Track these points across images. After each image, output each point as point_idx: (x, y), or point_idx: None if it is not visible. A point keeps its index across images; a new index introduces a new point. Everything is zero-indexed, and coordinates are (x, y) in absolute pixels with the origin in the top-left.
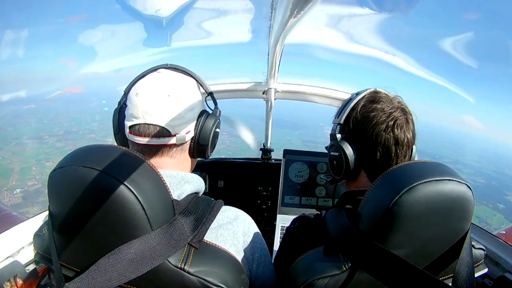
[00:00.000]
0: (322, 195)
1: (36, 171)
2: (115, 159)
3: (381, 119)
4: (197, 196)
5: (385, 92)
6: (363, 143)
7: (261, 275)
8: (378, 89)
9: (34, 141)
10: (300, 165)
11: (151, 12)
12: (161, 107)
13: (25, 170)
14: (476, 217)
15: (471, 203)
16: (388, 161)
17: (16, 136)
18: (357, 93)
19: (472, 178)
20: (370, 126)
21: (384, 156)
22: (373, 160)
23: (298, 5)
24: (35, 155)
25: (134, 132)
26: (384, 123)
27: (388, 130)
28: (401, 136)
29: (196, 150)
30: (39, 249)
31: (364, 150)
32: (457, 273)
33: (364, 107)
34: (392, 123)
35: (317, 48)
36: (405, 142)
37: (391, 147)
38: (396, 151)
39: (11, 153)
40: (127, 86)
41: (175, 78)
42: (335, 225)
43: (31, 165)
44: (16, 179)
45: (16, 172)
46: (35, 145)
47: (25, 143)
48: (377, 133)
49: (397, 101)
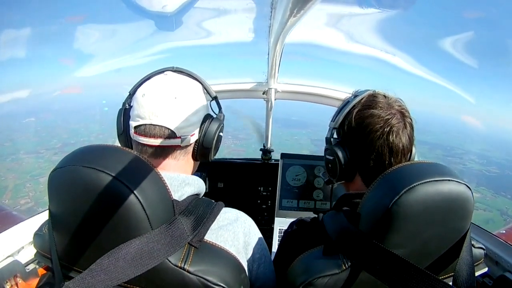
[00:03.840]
0: (320, 198)
1: (30, 188)
2: (115, 159)
3: (376, 126)
4: (197, 198)
5: (384, 95)
6: (357, 149)
7: (262, 275)
8: (377, 92)
9: (31, 155)
10: (297, 169)
11: (153, 10)
12: (168, 109)
13: (18, 187)
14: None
15: (470, 203)
16: (382, 168)
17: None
18: (356, 94)
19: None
20: (365, 133)
21: (377, 163)
22: (367, 166)
23: (298, 4)
24: (30, 170)
25: (140, 133)
26: (379, 130)
27: (383, 137)
28: (396, 143)
29: (200, 153)
30: (39, 249)
31: (358, 156)
32: (457, 273)
33: (359, 113)
34: (388, 129)
35: (317, 48)
36: (400, 149)
37: (385, 154)
38: (390, 159)
39: (6, 170)
40: (132, 87)
41: (181, 81)
42: (334, 226)
43: (25, 182)
44: (9, 197)
45: (10, 189)
46: (31, 160)
47: (21, 158)
48: (371, 139)
49: (397, 104)
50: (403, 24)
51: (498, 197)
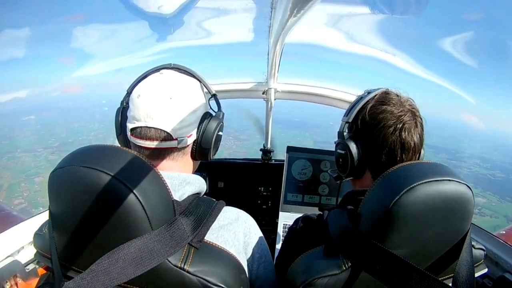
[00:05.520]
0: (325, 193)
1: (25, 187)
2: (115, 159)
3: (389, 122)
4: (198, 197)
5: (397, 93)
6: (369, 144)
7: (262, 275)
8: (389, 90)
9: (28, 154)
10: (303, 163)
11: (153, 10)
12: (163, 111)
13: (13, 186)
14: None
15: (471, 203)
16: (393, 164)
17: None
18: (369, 91)
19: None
20: (378, 128)
21: (389, 158)
22: (378, 161)
23: (298, 4)
24: (26, 169)
25: (136, 135)
26: (392, 126)
27: (396, 133)
28: (408, 140)
29: (198, 153)
30: (39, 249)
31: (370, 151)
32: (457, 273)
33: (373, 108)
34: (400, 126)
35: (317, 48)
36: (412, 146)
37: (397, 150)
38: (402, 155)
39: (2, 168)
40: (129, 85)
41: (177, 79)
42: (336, 226)
43: (20, 181)
44: (4, 197)
45: (4, 189)
46: (28, 159)
47: (18, 157)
48: (384, 135)
49: (409, 103)
50: (403, 24)
51: (504, 203)
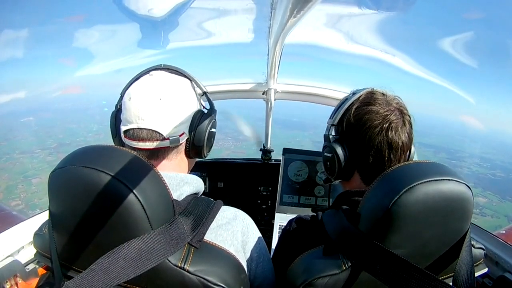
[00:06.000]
0: (321, 194)
1: (22, 189)
2: (115, 159)
3: (375, 122)
4: (196, 197)
5: (383, 92)
6: (356, 146)
7: (260, 274)
8: (375, 90)
9: (25, 155)
10: (299, 164)
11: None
12: (153, 111)
13: (10, 188)
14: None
15: (470, 203)
16: (381, 165)
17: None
18: (354, 92)
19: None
20: (364, 129)
21: (376, 159)
22: (366, 163)
23: (298, 5)
24: (24, 171)
25: (129, 137)
26: (378, 126)
27: (382, 133)
28: (395, 139)
29: (192, 151)
30: (39, 249)
31: (357, 153)
32: (457, 273)
33: (358, 109)
34: (387, 125)
35: (317, 48)
36: (400, 145)
37: (384, 150)
38: (390, 155)
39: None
40: (123, 88)
41: (167, 80)
42: (334, 226)
43: (18, 183)
44: (1, 199)
45: (1, 190)
46: (26, 160)
47: (16, 158)
48: (370, 136)
49: (396, 102)
50: (403, 25)
51: (504, 202)
